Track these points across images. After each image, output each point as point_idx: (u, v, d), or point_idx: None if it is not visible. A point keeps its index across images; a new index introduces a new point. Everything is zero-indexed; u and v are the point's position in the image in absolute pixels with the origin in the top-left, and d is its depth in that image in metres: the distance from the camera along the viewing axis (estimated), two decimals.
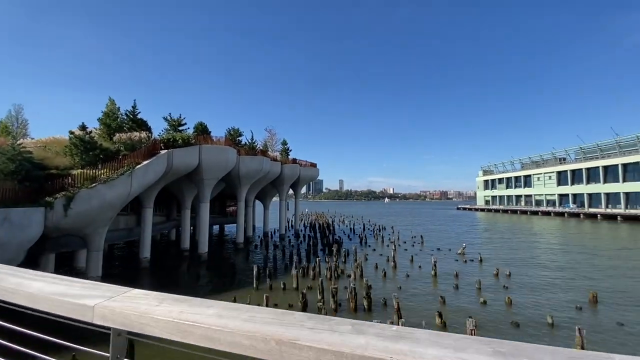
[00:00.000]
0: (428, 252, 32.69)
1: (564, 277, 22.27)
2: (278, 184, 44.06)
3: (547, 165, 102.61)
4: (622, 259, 28.93)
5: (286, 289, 19.20)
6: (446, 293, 18.16)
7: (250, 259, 28.94)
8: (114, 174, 18.66)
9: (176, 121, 27.87)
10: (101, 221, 18.97)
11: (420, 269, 24.99)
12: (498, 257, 29.85)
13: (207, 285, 20.35)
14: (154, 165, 21.68)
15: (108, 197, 18.05)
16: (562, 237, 45.58)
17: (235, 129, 34.06)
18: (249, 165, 32.94)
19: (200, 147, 26.01)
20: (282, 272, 24.09)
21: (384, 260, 28.20)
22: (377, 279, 21.58)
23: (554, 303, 16.80)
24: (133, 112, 25.69)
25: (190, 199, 31.90)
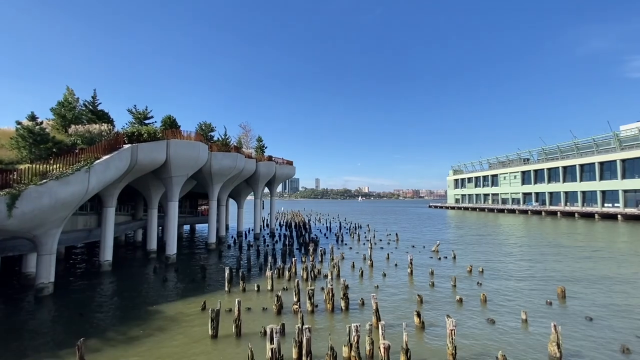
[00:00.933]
0: (403, 249, 32.93)
1: (533, 273, 23.02)
2: (253, 182, 42.77)
3: (513, 165, 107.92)
4: (583, 254, 30.55)
5: (260, 291, 18.32)
6: (423, 291, 18.09)
7: (223, 261, 27.67)
8: (69, 169, 16.89)
9: (142, 114, 26.01)
10: (53, 222, 17.13)
11: (396, 267, 24.95)
12: (470, 253, 30.55)
13: (174, 290, 19.00)
14: (115, 160, 19.96)
15: (61, 195, 16.28)
16: (526, 233, 47.78)
17: (207, 124, 32.46)
18: (222, 162, 31.54)
19: (168, 142, 24.42)
20: (257, 273, 23.14)
21: (360, 258, 27.99)
22: (354, 279, 21.22)
23: (525, 298, 17.17)
24: (93, 103, 23.61)
25: (158, 198, 30.02)
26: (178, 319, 14.25)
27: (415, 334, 12.57)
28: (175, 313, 14.96)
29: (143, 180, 27.35)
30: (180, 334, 12.62)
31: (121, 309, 15.73)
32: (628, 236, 44.00)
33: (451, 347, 10.28)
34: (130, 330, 12.96)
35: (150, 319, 14.16)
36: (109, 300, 17.46)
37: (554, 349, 10.54)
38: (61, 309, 16.02)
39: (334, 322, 14.23)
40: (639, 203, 67.47)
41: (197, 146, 26.73)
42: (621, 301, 16.66)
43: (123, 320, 14.16)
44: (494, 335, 12.40)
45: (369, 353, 10.52)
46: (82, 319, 14.30)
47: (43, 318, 14.79)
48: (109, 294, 18.71)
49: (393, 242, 38.40)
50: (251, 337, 12.23)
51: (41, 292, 17.43)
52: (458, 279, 20.22)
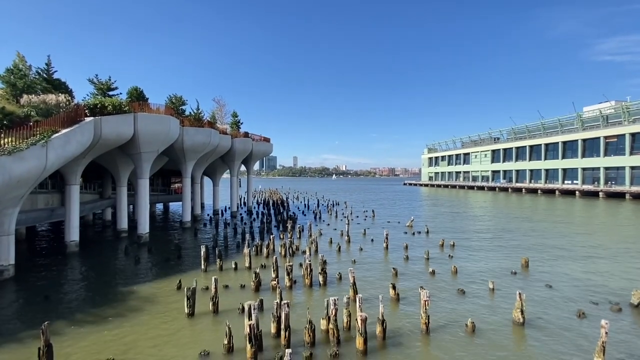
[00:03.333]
0: (379, 225, 33.75)
1: (499, 245, 24.39)
2: (228, 159, 41.59)
3: (484, 144, 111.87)
4: (543, 228, 32.68)
5: (238, 269, 18.20)
6: (398, 265, 18.67)
7: (199, 240, 27.15)
8: (23, 143, 15.43)
9: (105, 84, 24.04)
10: (9, 201, 15.82)
11: (372, 242, 25.57)
12: (442, 228, 31.83)
13: (147, 270, 18.47)
14: (77, 134, 18.46)
15: (16, 172, 14.92)
16: (493, 209, 50.36)
17: (178, 97, 30.67)
18: (195, 138, 30.21)
19: (135, 115, 22.88)
20: (235, 251, 22.93)
21: (338, 234, 28.40)
22: (332, 254, 21.55)
23: (492, 269, 18.19)
24: (47, 71, 21.44)
25: (127, 175, 28.51)
26: (152, 299, 13.89)
27: (391, 305, 13.01)
28: (149, 293, 14.56)
29: (110, 157, 25.75)
30: (155, 314, 12.34)
31: (91, 291, 15.11)
32: (584, 211, 47.53)
33: (424, 317, 10.72)
34: (101, 311, 12.49)
35: (122, 300, 13.70)
36: (77, 282, 16.72)
37: (518, 315, 11.27)
38: (24, 292, 15.15)
39: (312, 296, 14.44)
40: (594, 180, 72.59)
41: (167, 120, 25.29)
42: (579, 270, 18.04)
43: (93, 302, 13.61)
44: (464, 305, 13.08)
45: (346, 325, 10.78)
46: (48, 302, 13.59)
47: (4, 303, 13.92)
48: (77, 275, 17.91)
49: (369, 218, 39.23)
50: (229, 314, 12.16)
51: (1, 275, 16.35)
52: (431, 253, 21.02)
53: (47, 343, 8.56)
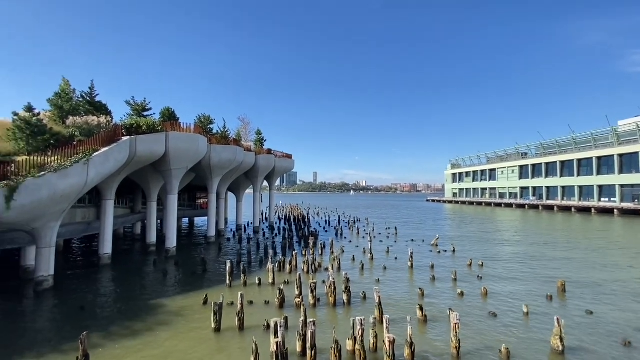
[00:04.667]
0: (403, 243, 33.03)
1: (532, 267, 23.15)
2: (252, 175, 42.56)
3: (511, 159, 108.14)
4: (579, 248, 30.77)
5: (262, 285, 18.31)
6: (424, 285, 18.14)
7: (223, 254, 27.64)
8: (67, 161, 16.64)
9: (140, 105, 25.64)
10: (52, 214, 16.93)
11: (396, 260, 25.01)
12: (469, 247, 30.69)
13: (175, 284, 18.95)
14: (114, 152, 19.70)
15: (60, 188, 16.06)
16: (524, 227, 48.04)
17: (206, 116, 32.11)
18: (221, 155, 31.30)
19: (167, 134, 24.12)
20: (258, 267, 23.13)
21: (360, 252, 28.04)
22: (354, 272, 21.25)
23: (526, 292, 17.26)
24: (90, 94, 23.22)
25: (157, 191, 29.80)
26: (180, 312, 14.21)
27: (418, 327, 12.60)
28: (177, 307, 14.90)
29: (142, 173, 27.10)
30: (183, 328, 12.59)
31: (122, 303, 15.65)
32: (625, 231, 44.39)
33: (455, 341, 10.30)
34: (132, 324, 12.91)
35: (152, 313, 14.10)
36: (109, 293, 17.39)
37: (556, 342, 10.59)
38: (62, 302, 15.92)
39: (336, 315, 14.25)
40: (635, 198, 67.98)
41: (196, 139, 26.45)
42: (621, 295, 16.79)
43: (125, 314, 14.09)
44: (497, 329, 12.45)
45: (373, 347, 10.53)
46: (83, 313, 14.21)
47: (44, 312, 14.70)
48: (110, 287, 18.64)
49: (392, 235, 38.50)
50: (254, 330, 12.22)
51: (41, 285, 17.31)
52: (458, 273, 20.28)
53: (85, 353, 8.93)
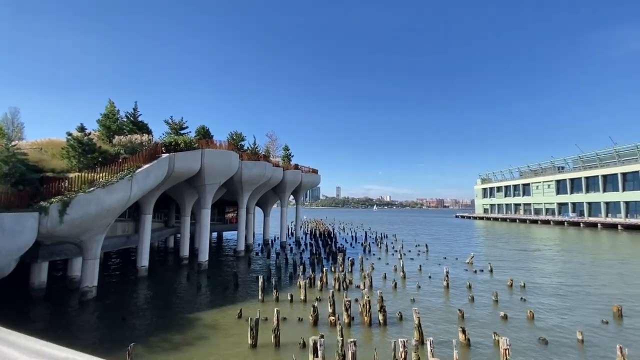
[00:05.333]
0: (434, 261, 31.84)
1: (580, 289, 21.47)
2: (280, 190, 43.13)
3: (546, 174, 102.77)
4: (632, 269, 28.24)
5: (293, 301, 18.16)
6: (462, 306, 17.25)
7: (252, 268, 27.84)
8: (114, 177, 17.67)
9: (178, 124, 26.98)
10: (99, 228, 17.90)
11: (430, 279, 24.06)
12: (507, 267, 29.02)
13: (209, 297, 19.22)
14: (155, 169, 20.71)
15: (107, 203, 17.02)
16: (566, 246, 44.91)
17: (238, 133, 33.23)
18: (252, 171, 32.06)
19: (202, 151, 25.11)
20: (287, 282, 23.07)
21: (390, 269, 27.27)
22: (387, 290, 20.60)
23: (576, 316, 15.96)
24: (134, 114, 24.78)
25: (191, 205, 30.86)
26: (216, 326, 14.33)
27: (461, 351, 11.91)
28: (212, 321, 15.06)
29: (178, 189, 28.22)
30: (220, 342, 12.65)
31: (160, 315, 16.04)
32: None
33: None
34: (171, 336, 13.15)
35: (189, 326, 14.32)
36: (148, 305, 17.91)
37: None
38: (104, 312, 16.56)
39: (372, 335, 13.81)
40: None
41: (229, 155, 27.33)
42: None
43: (163, 326, 14.40)
44: (549, 356, 11.52)
45: None
46: (124, 324, 14.68)
47: (88, 322, 15.33)
48: (148, 299, 19.20)
49: (422, 253, 37.24)
50: (290, 347, 12.06)
51: (85, 295, 18.15)
52: (499, 294, 19.15)
53: None
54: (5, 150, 15.59)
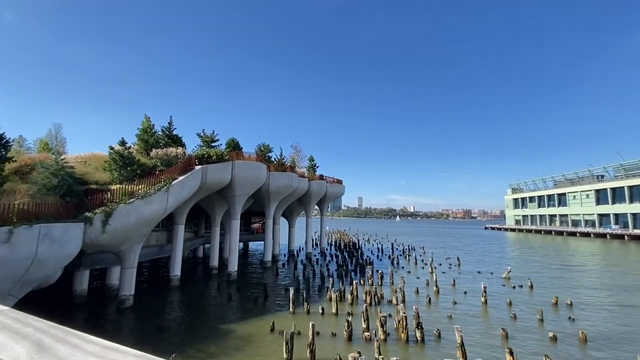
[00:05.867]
0: (468, 275, 30.42)
1: (633, 310, 19.64)
2: (305, 201, 43.18)
3: (584, 183, 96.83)
4: None
5: (325, 314, 17.81)
6: (505, 324, 16.22)
7: (280, 279, 27.76)
8: (151, 189, 18.34)
9: (209, 137, 27.85)
10: (137, 238, 18.55)
11: (465, 294, 22.92)
12: (548, 282, 27.18)
13: (240, 308, 19.24)
14: (189, 180, 21.34)
15: (145, 213, 17.65)
16: (612, 260, 41.61)
17: (265, 145, 33.83)
18: (279, 182, 32.36)
19: (233, 162, 25.67)
20: (316, 294, 22.75)
21: (422, 283, 26.29)
22: (421, 306, 19.73)
23: (636, 342, 14.53)
24: (169, 128, 25.85)
25: (221, 216, 31.47)
26: (250, 339, 14.24)
27: None
28: (246, 332, 14.99)
29: (208, 199, 28.90)
30: (255, 355, 12.53)
31: (194, 325, 16.19)
32: None
33: None
34: (206, 347, 13.18)
35: (223, 337, 14.32)
36: (182, 314, 18.17)
37: None
38: (140, 321, 16.96)
39: (409, 353, 13.20)
40: None
41: (258, 166, 27.78)
42: None
43: (198, 336, 14.49)
44: None
45: None
46: (160, 333, 14.92)
47: (126, 330, 15.73)
48: (181, 308, 19.51)
49: (454, 266, 35.73)
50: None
51: (123, 303, 18.72)
52: (544, 312, 17.85)
53: None
54: (55, 163, 16.61)
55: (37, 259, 13.20)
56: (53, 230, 14.03)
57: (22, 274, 13.07)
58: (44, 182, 15.87)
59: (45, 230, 13.54)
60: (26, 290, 13.88)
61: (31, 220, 13.36)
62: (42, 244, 13.41)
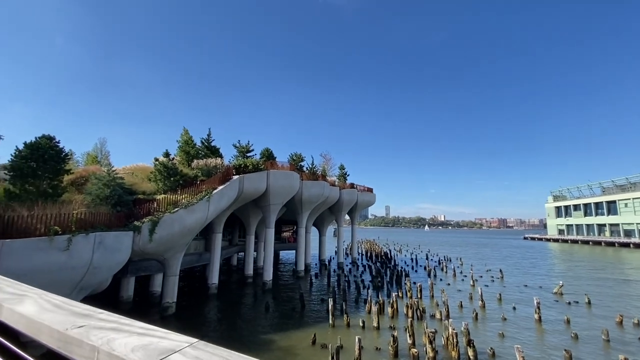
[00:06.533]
0: (513, 289, 28.46)
1: None
2: (336, 210, 42.84)
3: (637, 189, 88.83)
4: None
5: (365, 328, 17.21)
6: (565, 344, 14.81)
7: (315, 289, 27.42)
8: (194, 199, 18.86)
9: (245, 147, 28.48)
10: (180, 246, 19.08)
11: (514, 310, 21.36)
12: (606, 299, 24.76)
13: (279, 319, 19.10)
14: (228, 190, 21.79)
15: (188, 222, 18.14)
16: None
17: (298, 154, 34.08)
18: (311, 190, 32.33)
19: (268, 172, 25.99)
20: (353, 305, 22.16)
21: (464, 297, 24.90)
22: (467, 321, 18.61)
23: None
24: (208, 140, 26.75)
25: (255, 225, 31.85)
26: (293, 351, 13.99)
27: None
28: (287, 344, 14.77)
29: (244, 208, 29.38)
30: None
31: (236, 335, 16.22)
32: None
33: None
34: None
35: (267, 349, 14.19)
36: (223, 324, 18.31)
37: None
38: (183, 329, 17.15)
39: None
40: None
41: (291, 175, 27.94)
42: None
43: (241, 347, 14.44)
44: None
45: None
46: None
47: None
48: (221, 317, 19.70)
49: (497, 279, 33.65)
50: None
51: (166, 311, 19.20)
52: (609, 332, 16.15)
53: None
54: (107, 175, 17.56)
55: (92, 266, 13.84)
56: (106, 238, 14.70)
57: (79, 280, 13.75)
58: (97, 192, 16.78)
59: (99, 239, 14.22)
60: (82, 296, 14.57)
61: (87, 229, 14.09)
62: (97, 252, 14.07)
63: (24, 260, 12.08)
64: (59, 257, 12.86)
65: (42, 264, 12.44)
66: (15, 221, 12.48)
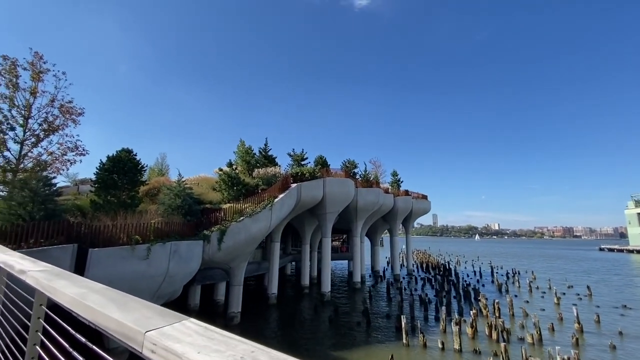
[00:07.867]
0: (607, 308, 24.47)
1: None
2: (390, 218, 41.01)
3: None
4: None
5: (445, 350, 15.48)
6: None
7: (374, 302, 25.96)
8: (257, 207, 18.77)
9: (299, 156, 28.34)
10: (245, 254, 19.04)
11: (621, 335, 18.04)
12: None
13: (346, 335, 18.04)
14: (287, 198, 21.52)
15: (253, 231, 18.03)
16: None
17: (351, 161, 33.27)
18: (366, 198, 31.16)
19: (324, 180, 25.41)
20: (421, 321, 20.34)
21: (550, 317, 21.78)
22: (564, 346, 15.97)
23: None
24: (265, 149, 27.01)
25: (310, 234, 31.41)
26: None
27: None
28: None
29: (300, 217, 29.07)
30: None
31: (304, 350, 15.48)
32: None
33: None
34: None
35: None
36: (288, 337, 17.75)
37: None
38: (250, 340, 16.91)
39: None
40: None
41: (347, 183, 27.09)
42: None
43: None
44: None
45: None
46: None
47: None
48: (286, 329, 19.19)
49: (584, 297, 29.32)
50: None
51: (231, 320, 19.14)
52: None
53: None
54: (178, 185, 18.13)
55: (168, 275, 14.07)
56: (180, 247, 14.94)
57: (156, 289, 14.03)
58: (169, 202, 17.33)
59: (174, 248, 14.45)
60: (158, 304, 14.87)
61: (163, 238, 14.42)
62: (172, 261, 14.30)
63: (109, 268, 12.51)
64: (139, 265, 13.21)
65: (124, 272, 12.82)
66: (102, 230, 13.08)
